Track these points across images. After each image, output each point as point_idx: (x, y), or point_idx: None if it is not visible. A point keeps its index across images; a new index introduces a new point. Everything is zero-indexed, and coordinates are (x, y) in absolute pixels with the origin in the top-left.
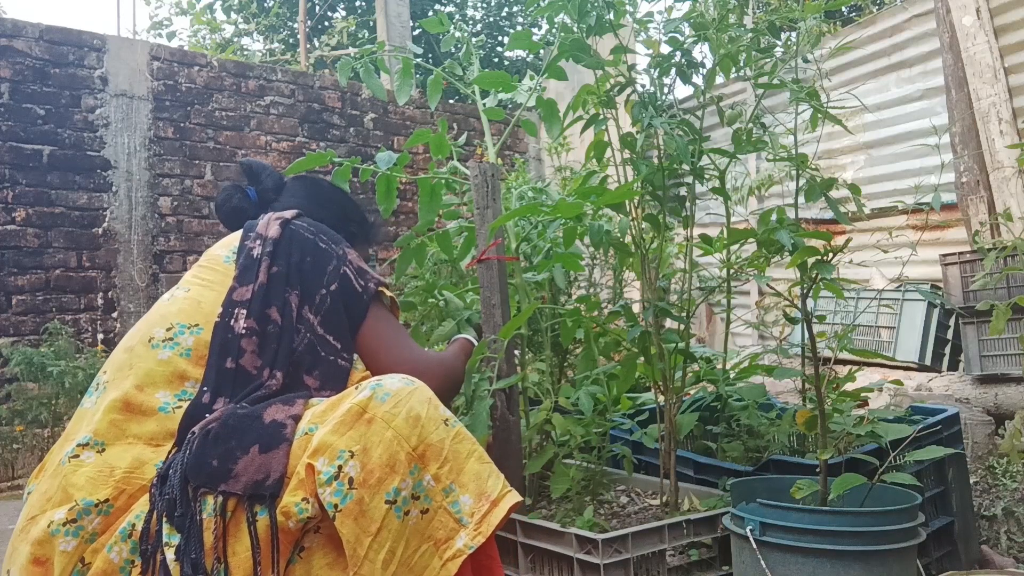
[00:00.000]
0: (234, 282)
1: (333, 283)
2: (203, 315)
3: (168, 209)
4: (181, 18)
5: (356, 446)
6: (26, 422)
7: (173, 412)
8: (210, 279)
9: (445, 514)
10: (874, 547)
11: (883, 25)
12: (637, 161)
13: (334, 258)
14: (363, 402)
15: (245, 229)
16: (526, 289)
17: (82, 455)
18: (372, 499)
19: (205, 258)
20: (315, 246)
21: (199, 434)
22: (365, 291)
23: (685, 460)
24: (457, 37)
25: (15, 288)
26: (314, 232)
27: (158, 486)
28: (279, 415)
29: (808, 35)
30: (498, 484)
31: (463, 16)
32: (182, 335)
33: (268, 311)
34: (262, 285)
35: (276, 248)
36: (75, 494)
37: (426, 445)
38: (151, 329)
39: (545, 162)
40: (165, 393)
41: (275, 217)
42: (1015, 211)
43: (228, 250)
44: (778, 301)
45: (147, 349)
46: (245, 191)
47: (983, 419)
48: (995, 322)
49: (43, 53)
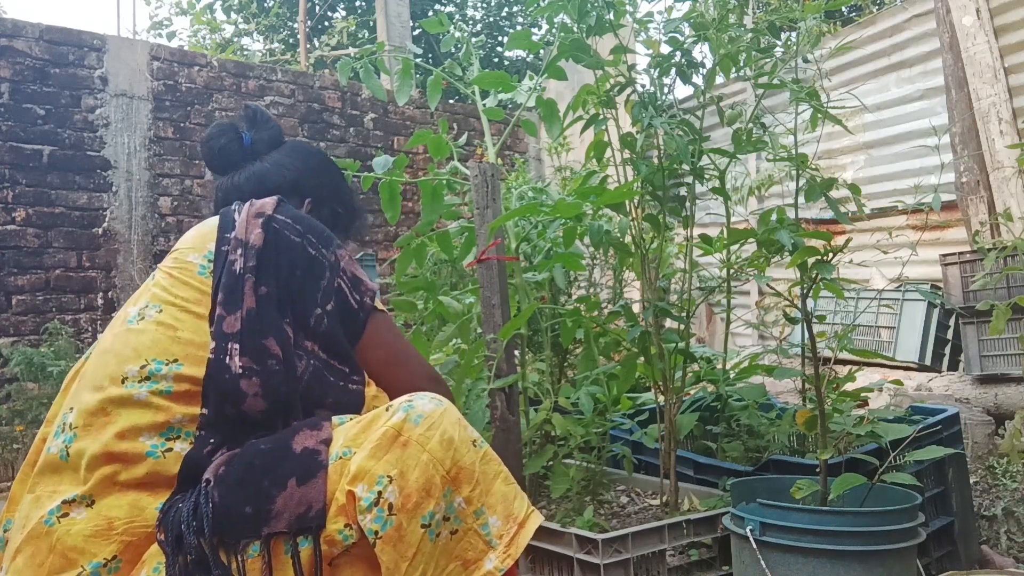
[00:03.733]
0: (220, 308)
1: (328, 302)
2: (181, 346)
3: (168, 209)
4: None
5: (394, 471)
6: (26, 422)
7: (163, 456)
8: (183, 296)
9: (475, 536)
10: (874, 547)
11: (883, 25)
12: (637, 161)
13: (326, 269)
14: (397, 425)
15: (219, 228)
16: (526, 289)
17: (72, 512)
18: (409, 524)
19: (175, 264)
20: (304, 253)
21: (215, 482)
22: (361, 307)
23: (685, 460)
24: (457, 37)
25: (15, 288)
26: (301, 232)
27: (174, 544)
28: (309, 442)
29: (808, 35)
30: (523, 506)
31: (463, 16)
32: (159, 371)
33: (265, 343)
34: (251, 311)
35: (260, 260)
36: (78, 559)
37: (459, 468)
38: (122, 366)
39: (545, 162)
40: (149, 435)
41: (254, 212)
42: (1015, 211)
43: (201, 256)
44: (778, 301)
45: (120, 390)
46: (240, 134)
47: (983, 419)
48: (995, 322)
49: (43, 53)
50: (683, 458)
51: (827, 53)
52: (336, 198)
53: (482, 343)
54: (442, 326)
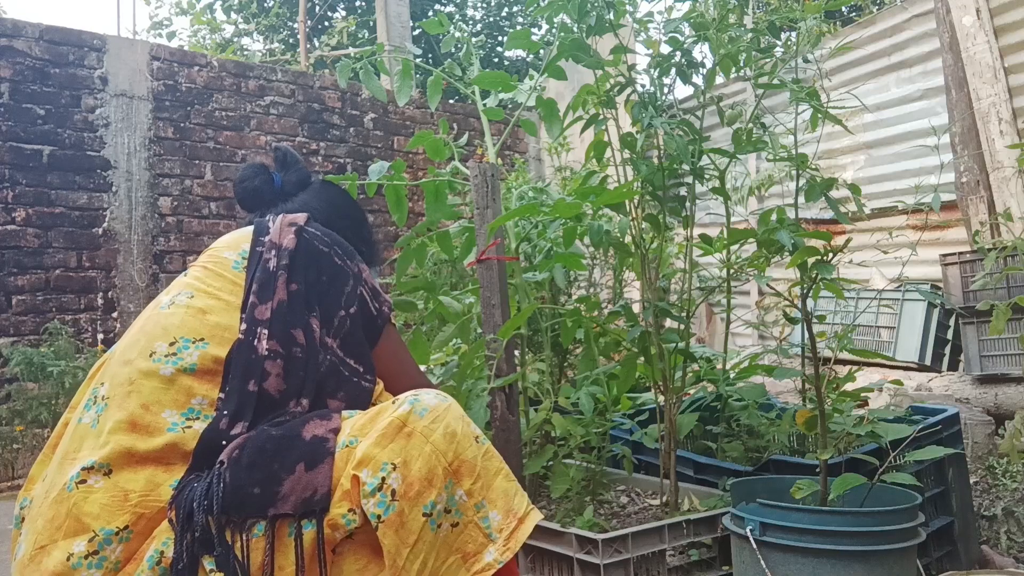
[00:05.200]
0: (253, 297)
1: (352, 305)
2: (208, 328)
3: (168, 209)
4: (181, 18)
5: (398, 459)
6: (26, 422)
7: (183, 432)
8: (216, 286)
9: (475, 529)
10: (874, 547)
11: (883, 25)
12: (637, 161)
13: (351, 277)
14: (403, 416)
15: (255, 232)
16: (526, 289)
17: (89, 479)
18: (411, 511)
19: (210, 259)
20: (331, 262)
21: (228, 463)
22: (380, 315)
23: (685, 460)
24: (457, 37)
25: (15, 288)
26: (328, 244)
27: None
28: (319, 430)
29: (808, 35)
30: (523, 502)
31: (463, 16)
32: (186, 350)
33: (293, 332)
34: (282, 303)
35: (293, 261)
36: (92, 523)
37: (460, 461)
38: (152, 342)
39: (545, 162)
40: (171, 412)
41: (287, 222)
42: (1015, 211)
43: (236, 254)
44: (778, 301)
45: (148, 363)
46: (271, 175)
47: (983, 419)
48: (995, 322)
49: (43, 53)
50: (683, 458)
51: (827, 53)
52: (357, 234)
53: (482, 343)
54: (442, 326)
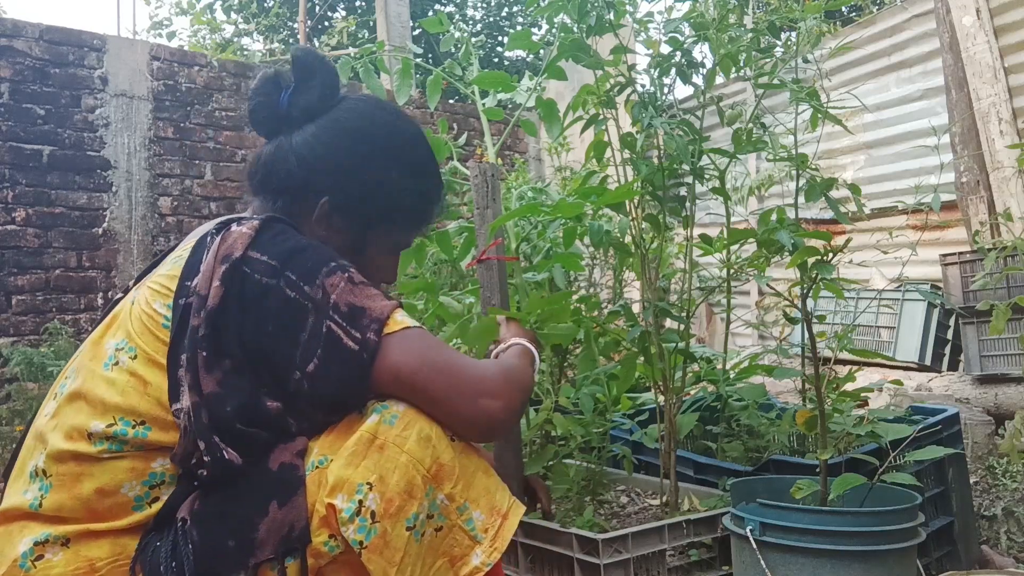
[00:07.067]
0: (182, 372)
1: (312, 358)
2: (147, 405)
3: (168, 209)
4: (181, 18)
5: (373, 476)
6: (26, 422)
7: (149, 506)
8: (152, 348)
9: (460, 532)
10: (874, 547)
11: (883, 25)
12: (637, 161)
13: (308, 313)
14: (372, 427)
15: (186, 264)
16: (526, 289)
17: (47, 554)
18: (394, 528)
19: (146, 305)
20: (279, 300)
21: (192, 520)
22: (364, 345)
23: (685, 460)
24: (457, 37)
25: (15, 288)
26: (278, 270)
27: None
28: (284, 456)
29: (808, 35)
30: (505, 497)
31: (463, 16)
32: (124, 435)
33: (241, 427)
34: (215, 396)
35: (215, 327)
36: None
37: (439, 465)
38: (89, 420)
39: (545, 162)
40: (131, 487)
41: (222, 255)
42: (1015, 211)
43: (166, 307)
44: (778, 301)
45: (88, 447)
46: (279, 93)
47: (983, 419)
48: (995, 322)
49: (43, 53)
50: (683, 458)
51: (827, 53)
52: (403, 188)
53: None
54: (442, 326)
